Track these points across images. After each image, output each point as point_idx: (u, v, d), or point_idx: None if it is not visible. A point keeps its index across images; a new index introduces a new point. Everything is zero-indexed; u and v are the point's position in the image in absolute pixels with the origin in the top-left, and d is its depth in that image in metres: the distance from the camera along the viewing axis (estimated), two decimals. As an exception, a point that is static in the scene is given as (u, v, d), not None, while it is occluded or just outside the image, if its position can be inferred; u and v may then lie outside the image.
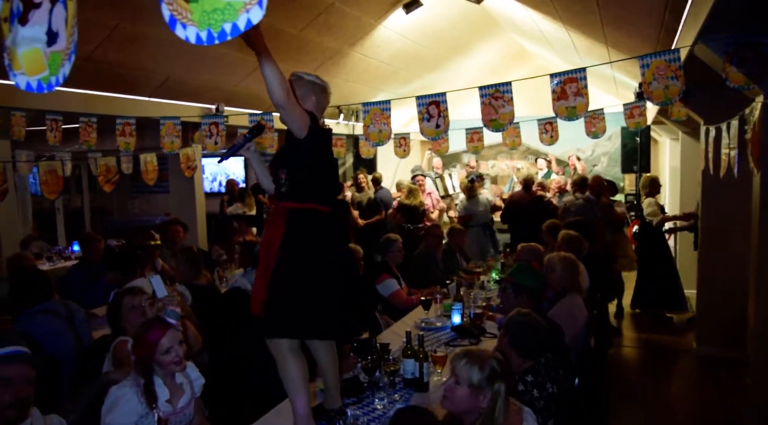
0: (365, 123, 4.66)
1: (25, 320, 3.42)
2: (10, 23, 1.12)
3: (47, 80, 1.11)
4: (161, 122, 5.70)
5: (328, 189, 2.55)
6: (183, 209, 7.72)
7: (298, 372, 2.46)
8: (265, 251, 2.44)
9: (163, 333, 2.36)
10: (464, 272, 5.45)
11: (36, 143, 7.22)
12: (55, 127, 5.46)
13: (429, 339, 3.82)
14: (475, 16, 7.64)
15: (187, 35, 0.96)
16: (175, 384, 2.45)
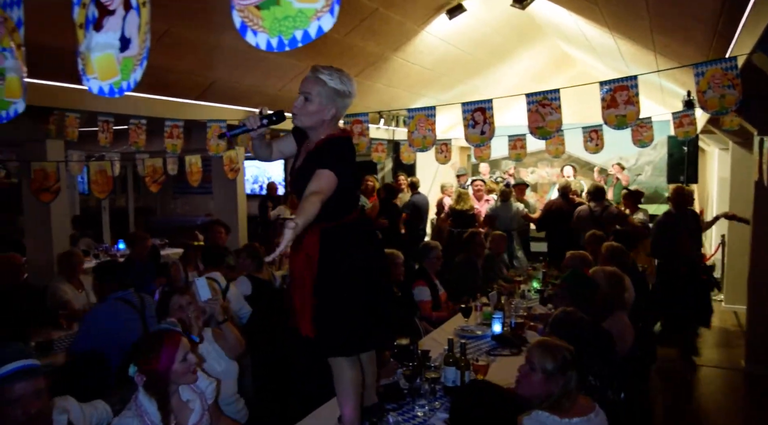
0: (410, 129, 4.66)
1: (105, 305, 3.67)
2: (85, 29, 1.15)
3: (119, 85, 1.14)
4: (208, 125, 5.81)
5: (353, 198, 2.49)
6: (225, 211, 7.85)
7: (353, 379, 2.45)
8: (299, 270, 2.38)
9: (177, 341, 2.29)
10: (504, 280, 5.39)
11: (86, 144, 7.45)
12: (106, 128, 5.63)
13: (469, 348, 3.77)
14: (519, 21, 7.58)
15: (257, 42, 0.97)
16: (180, 403, 2.35)
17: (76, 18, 1.18)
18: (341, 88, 2.27)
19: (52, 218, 6.15)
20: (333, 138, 2.33)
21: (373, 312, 2.40)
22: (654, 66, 6.19)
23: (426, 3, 6.25)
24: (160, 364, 2.20)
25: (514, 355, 3.69)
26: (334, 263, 2.32)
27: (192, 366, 2.29)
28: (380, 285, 2.46)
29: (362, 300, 2.35)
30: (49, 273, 5.82)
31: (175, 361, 2.23)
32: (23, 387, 1.90)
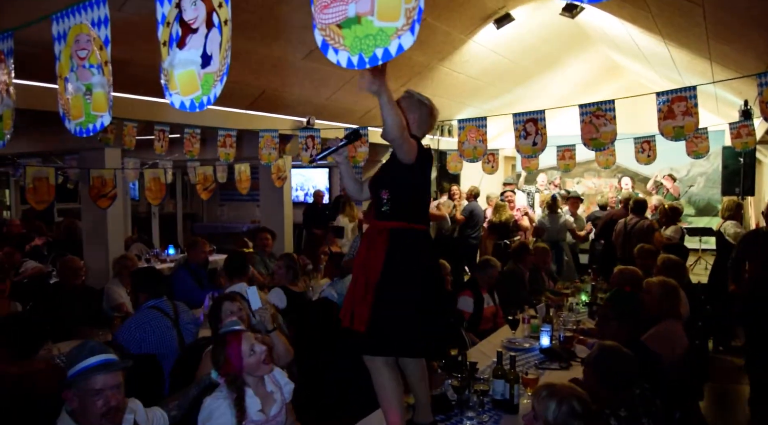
0: (460, 139, 4.65)
1: (138, 315, 3.68)
2: (168, 47, 1.20)
3: (199, 100, 1.19)
4: (260, 135, 5.93)
5: (425, 208, 2.58)
6: (272, 218, 7.98)
7: (394, 386, 2.47)
8: (363, 269, 2.46)
9: (238, 338, 2.39)
10: (551, 293, 5.30)
11: (141, 152, 7.70)
12: (162, 137, 5.81)
13: (518, 361, 3.73)
14: (567, 30, 7.50)
15: (338, 60, 1.00)
16: (266, 392, 2.49)
17: (160, 36, 1.23)
18: (424, 100, 2.57)
19: (108, 223, 6.37)
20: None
21: (426, 319, 2.42)
22: (709, 75, 6.03)
23: (473, 13, 6.25)
24: (232, 366, 2.33)
25: (563, 369, 3.63)
26: (399, 264, 2.38)
27: (262, 355, 2.39)
28: (437, 295, 2.49)
29: (418, 305, 2.39)
30: (104, 276, 6.02)
31: (244, 357, 2.35)
32: (105, 379, 2.00)
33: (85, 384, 1.92)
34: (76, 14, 1.70)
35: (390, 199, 2.46)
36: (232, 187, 8.89)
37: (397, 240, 2.41)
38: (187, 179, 13.87)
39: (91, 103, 1.62)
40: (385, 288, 2.37)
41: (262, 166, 6.99)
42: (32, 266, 6.20)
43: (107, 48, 1.56)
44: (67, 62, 1.75)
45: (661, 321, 3.54)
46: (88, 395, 1.92)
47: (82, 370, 1.92)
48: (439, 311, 2.54)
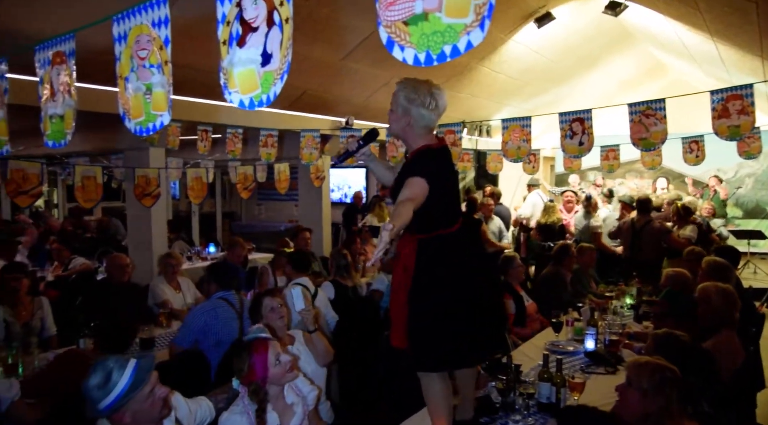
0: (504, 139, 4.59)
1: (207, 303, 3.86)
2: (228, 46, 1.21)
3: (258, 98, 1.19)
4: (302, 135, 5.98)
5: (451, 209, 2.45)
6: (310, 217, 8.04)
7: (443, 393, 2.42)
8: (396, 282, 2.41)
9: (265, 346, 2.32)
10: (594, 295, 5.19)
11: (183, 152, 7.86)
12: (205, 137, 5.91)
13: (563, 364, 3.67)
14: (609, 28, 7.35)
15: (404, 57, 0.99)
16: (285, 405, 2.41)
17: (220, 35, 1.24)
18: (413, 96, 2.23)
19: (152, 221, 6.51)
20: (424, 149, 2.33)
21: (470, 328, 2.33)
22: (760, 73, 5.83)
23: (514, 12, 6.18)
24: (256, 374, 2.26)
25: (609, 374, 3.54)
26: (429, 276, 2.30)
27: (288, 365, 2.33)
28: (481, 301, 2.40)
29: (459, 315, 2.30)
30: (148, 273, 6.15)
31: (269, 367, 2.28)
32: (153, 377, 2.01)
33: (135, 400, 1.90)
34: (137, 15, 1.73)
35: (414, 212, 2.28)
36: (271, 186, 8.99)
37: (426, 251, 2.33)
38: (226, 178, 14.12)
39: (151, 102, 1.65)
40: (419, 300, 2.30)
41: (300, 166, 7.03)
42: (81, 262, 6.38)
43: (167, 48, 1.59)
44: (127, 62, 1.79)
45: (718, 330, 3.41)
46: (140, 404, 1.91)
47: (125, 391, 1.87)
48: (484, 315, 2.47)
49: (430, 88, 2.25)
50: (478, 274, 2.46)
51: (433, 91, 2.25)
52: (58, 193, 14.07)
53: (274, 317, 3.30)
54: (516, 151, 4.64)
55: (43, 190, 5.62)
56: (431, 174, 2.23)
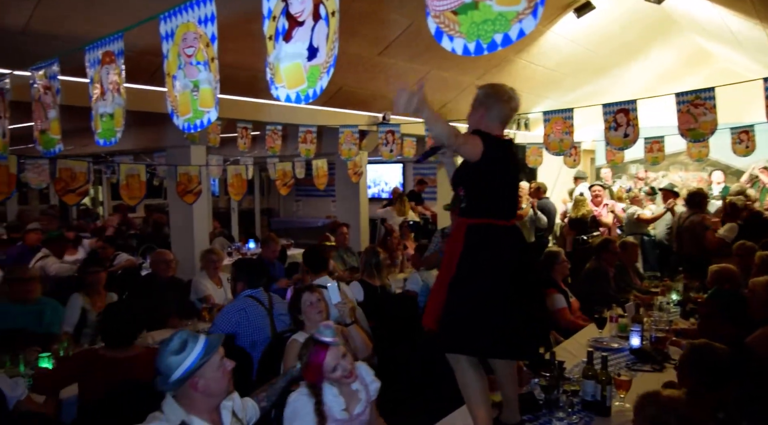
0: (546, 132, 4.52)
1: (236, 302, 3.86)
2: (274, 41, 1.21)
3: (305, 92, 1.19)
4: (340, 130, 6.00)
5: (507, 203, 2.49)
6: (348, 213, 8.07)
7: (478, 384, 2.43)
8: (444, 267, 2.45)
9: (325, 352, 2.37)
10: (639, 291, 5.07)
11: (223, 149, 7.98)
12: (244, 134, 5.99)
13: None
14: (652, 17, 7.14)
15: (453, 47, 0.97)
16: (351, 391, 2.48)
17: (266, 30, 1.25)
18: (490, 91, 2.49)
19: (194, 217, 6.64)
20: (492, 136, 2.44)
21: (503, 320, 2.33)
22: (814, 58, 5.58)
23: (553, 2, 6.06)
24: (310, 374, 2.36)
25: (656, 371, 3.46)
26: (472, 262, 2.34)
27: (345, 371, 2.38)
28: (521, 297, 2.39)
29: (495, 305, 2.31)
30: (191, 269, 6.28)
31: (325, 372, 2.35)
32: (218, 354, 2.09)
33: (208, 366, 2.00)
34: (183, 13, 1.76)
35: (466, 195, 2.44)
36: (308, 183, 9.05)
37: (474, 236, 2.37)
38: (264, 175, 14.30)
39: (198, 99, 1.68)
40: (458, 285, 2.34)
41: (338, 161, 7.06)
42: (125, 258, 6.55)
43: (213, 45, 1.61)
44: (174, 60, 1.83)
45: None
46: (212, 372, 2.01)
47: (200, 355, 1.98)
48: (525, 311, 2.44)
49: (506, 86, 2.50)
50: (522, 270, 2.45)
51: (507, 89, 2.48)
52: (102, 191, 14.48)
53: (313, 311, 3.34)
54: (558, 144, 4.55)
55: (89, 188, 5.78)
56: (492, 151, 2.33)
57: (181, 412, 1.97)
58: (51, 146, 2.80)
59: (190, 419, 1.98)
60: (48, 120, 2.73)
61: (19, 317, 3.92)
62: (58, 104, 2.68)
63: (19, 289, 3.99)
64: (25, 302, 4.01)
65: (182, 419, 1.96)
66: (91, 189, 12.42)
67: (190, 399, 2.00)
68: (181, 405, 2.00)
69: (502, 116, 2.48)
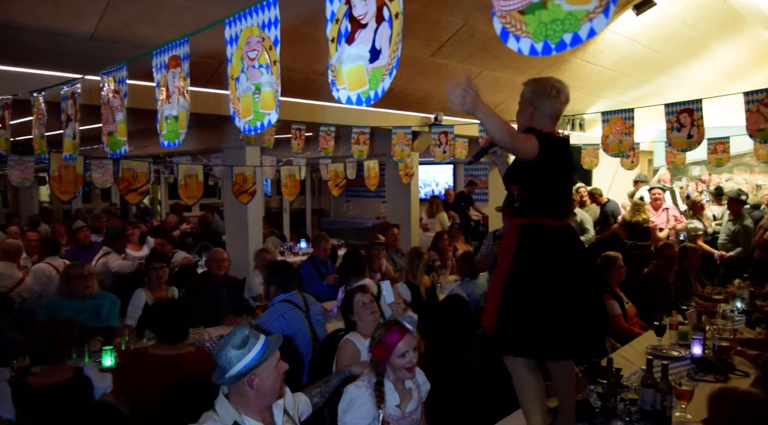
0: (604, 133, 4.40)
1: (272, 310, 3.83)
2: (336, 43, 1.23)
3: (366, 94, 1.20)
4: (393, 132, 6.01)
5: (561, 203, 2.45)
6: (398, 214, 8.07)
7: (535, 388, 2.40)
8: (499, 268, 2.43)
9: (401, 336, 2.44)
10: (700, 298, 4.88)
11: (276, 150, 8.13)
12: (299, 135, 6.08)
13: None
14: (716, 12, 6.86)
15: (519, 47, 0.96)
16: (404, 388, 2.52)
17: (328, 33, 1.26)
18: (536, 88, 2.40)
19: (248, 217, 6.78)
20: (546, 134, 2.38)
21: (566, 320, 2.28)
22: None
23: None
24: (379, 350, 2.43)
25: (719, 382, 3.32)
26: (527, 261, 2.31)
27: (409, 364, 2.43)
28: (580, 298, 2.34)
29: (555, 305, 2.27)
30: (245, 267, 6.41)
31: (392, 355, 2.41)
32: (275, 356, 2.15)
33: (265, 366, 2.04)
34: (248, 17, 1.80)
35: (520, 194, 2.40)
36: (358, 183, 9.12)
37: (527, 236, 2.34)
38: (315, 175, 14.49)
39: (260, 101, 1.72)
40: (513, 286, 2.31)
41: (388, 162, 7.08)
42: (182, 256, 6.75)
43: (276, 48, 1.64)
44: (238, 64, 1.87)
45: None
46: (268, 372, 2.05)
47: (259, 353, 2.02)
48: (584, 312, 2.39)
49: (551, 80, 2.39)
50: (580, 270, 2.40)
51: (554, 83, 2.38)
52: (160, 190, 14.98)
53: (366, 312, 3.36)
54: (617, 145, 4.41)
55: (149, 188, 5.99)
56: (547, 150, 2.27)
57: (233, 412, 2.00)
58: (118, 147, 2.92)
59: (243, 419, 2.01)
60: (115, 123, 2.85)
61: (77, 312, 4.06)
62: (125, 107, 2.79)
63: (78, 285, 4.14)
64: (84, 298, 4.16)
65: (234, 419, 1.98)
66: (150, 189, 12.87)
67: (243, 398, 2.03)
68: (233, 405, 2.02)
69: (552, 112, 2.40)
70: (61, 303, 4.12)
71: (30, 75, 4.57)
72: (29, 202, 14.06)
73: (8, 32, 4.14)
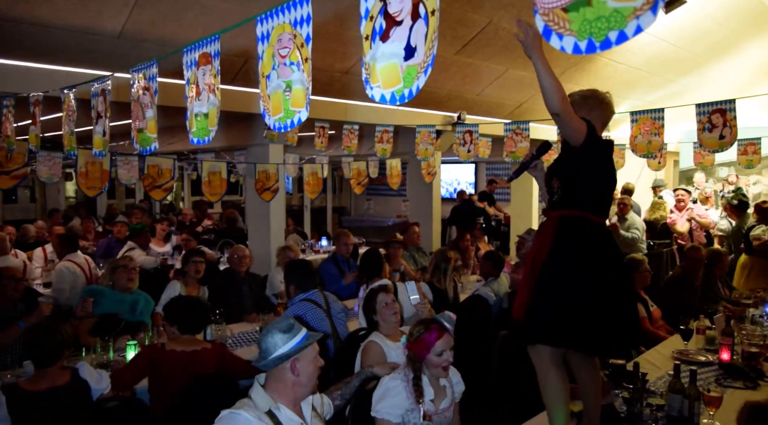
0: (633, 133, 4.32)
1: (293, 309, 3.81)
2: (371, 41, 1.22)
3: (400, 92, 1.19)
4: (417, 130, 5.99)
5: (602, 200, 2.43)
6: (420, 213, 8.05)
7: (560, 384, 2.38)
8: (532, 258, 2.42)
9: (440, 335, 2.47)
10: (728, 302, 4.78)
11: (299, 148, 8.15)
12: (322, 133, 6.09)
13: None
14: (748, 10, 6.71)
15: (563, 46, 0.94)
16: (439, 385, 2.55)
17: (363, 30, 1.25)
18: (587, 93, 2.51)
19: (270, 214, 6.81)
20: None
21: (592, 314, 2.27)
22: None
23: (640, -3, 5.80)
24: (417, 347, 2.47)
25: (749, 389, 3.25)
26: (565, 253, 2.30)
27: (445, 362, 2.47)
28: (610, 294, 2.32)
29: (582, 297, 2.26)
30: (267, 264, 6.44)
31: (429, 353, 2.45)
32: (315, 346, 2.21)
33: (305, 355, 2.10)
34: (280, 14, 1.80)
35: (560, 186, 2.39)
36: (380, 182, 9.11)
37: (566, 228, 2.33)
38: (336, 174, 14.52)
39: (290, 99, 1.72)
40: (547, 275, 2.30)
41: (411, 161, 7.04)
42: (205, 253, 6.80)
43: (308, 45, 1.64)
44: (269, 61, 1.87)
45: None
46: (307, 362, 2.11)
47: (302, 341, 2.09)
48: (613, 309, 2.35)
49: (601, 91, 2.53)
50: (615, 267, 2.39)
51: (605, 93, 2.52)
52: (184, 187, 15.15)
53: (388, 312, 3.35)
54: (647, 145, 4.34)
55: (173, 184, 6.05)
56: (594, 141, 2.31)
57: (269, 400, 2.04)
58: (147, 144, 2.95)
59: (278, 406, 2.04)
60: (145, 120, 2.88)
61: (117, 304, 4.13)
62: (155, 104, 2.81)
63: (122, 277, 4.21)
64: (124, 291, 4.22)
65: (270, 406, 2.02)
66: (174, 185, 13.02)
67: (281, 385, 2.07)
68: (269, 393, 2.06)
69: (603, 118, 2.48)
70: (102, 291, 4.18)
71: (59, 72, 4.64)
72: (56, 197, 14.31)
73: (36, 31, 4.21)
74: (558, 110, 2.08)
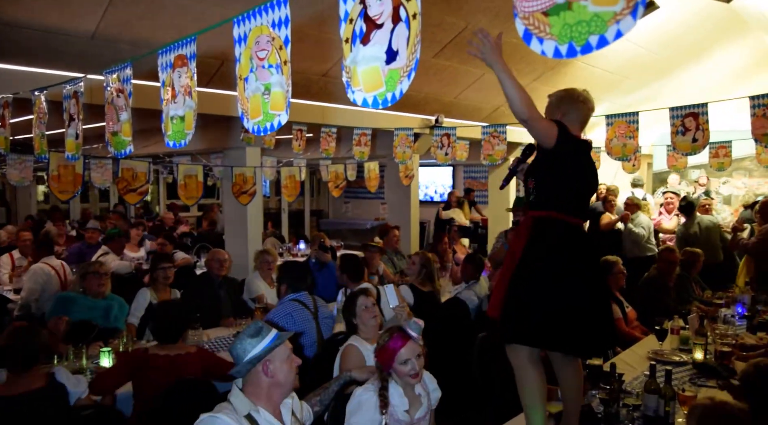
0: (608, 136, 4.38)
1: (281, 307, 3.82)
2: (351, 44, 1.20)
3: (383, 96, 1.18)
4: (395, 133, 5.99)
5: (578, 200, 2.45)
6: (398, 216, 8.05)
7: (537, 384, 2.38)
8: (508, 258, 2.44)
9: (404, 343, 2.40)
10: (701, 302, 4.87)
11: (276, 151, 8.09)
12: (300, 136, 6.06)
13: (666, 374, 3.46)
14: (719, 17, 6.86)
15: (543, 50, 0.94)
16: (414, 395, 2.49)
17: (342, 33, 1.24)
18: (562, 94, 2.53)
19: (248, 218, 6.75)
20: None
21: (566, 314, 2.29)
22: None
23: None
24: (382, 357, 2.41)
25: (720, 388, 3.31)
26: (538, 253, 2.32)
27: (412, 371, 2.40)
28: (584, 294, 2.34)
29: (556, 297, 2.28)
30: (244, 268, 6.37)
31: (395, 362, 2.39)
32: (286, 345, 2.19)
33: (278, 355, 2.09)
34: (257, 16, 1.78)
35: (535, 187, 2.41)
36: (357, 185, 9.08)
37: (541, 229, 2.35)
38: (314, 177, 14.46)
39: (270, 102, 1.69)
40: (521, 274, 2.33)
41: (388, 164, 7.04)
42: (181, 256, 6.71)
43: (287, 48, 1.62)
44: (246, 63, 1.85)
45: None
46: (281, 362, 2.09)
47: (272, 342, 2.08)
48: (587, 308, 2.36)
49: (578, 89, 2.52)
50: (589, 267, 2.41)
51: (581, 91, 2.51)
52: (159, 190, 14.93)
53: (368, 316, 3.32)
54: (621, 148, 4.40)
55: (149, 188, 5.96)
56: (567, 142, 2.32)
57: (248, 403, 2.02)
58: (122, 147, 2.89)
59: (258, 409, 2.03)
60: (120, 122, 2.83)
61: (90, 310, 4.05)
62: (130, 107, 2.76)
63: (93, 283, 4.12)
64: (96, 296, 4.14)
65: (249, 410, 2.01)
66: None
67: (258, 389, 2.06)
68: (248, 397, 2.04)
69: (580, 117, 2.49)
70: (74, 297, 4.10)
71: (30, 73, 4.54)
72: (27, 201, 13.99)
73: (8, 31, 4.11)
74: (525, 117, 2.11)
